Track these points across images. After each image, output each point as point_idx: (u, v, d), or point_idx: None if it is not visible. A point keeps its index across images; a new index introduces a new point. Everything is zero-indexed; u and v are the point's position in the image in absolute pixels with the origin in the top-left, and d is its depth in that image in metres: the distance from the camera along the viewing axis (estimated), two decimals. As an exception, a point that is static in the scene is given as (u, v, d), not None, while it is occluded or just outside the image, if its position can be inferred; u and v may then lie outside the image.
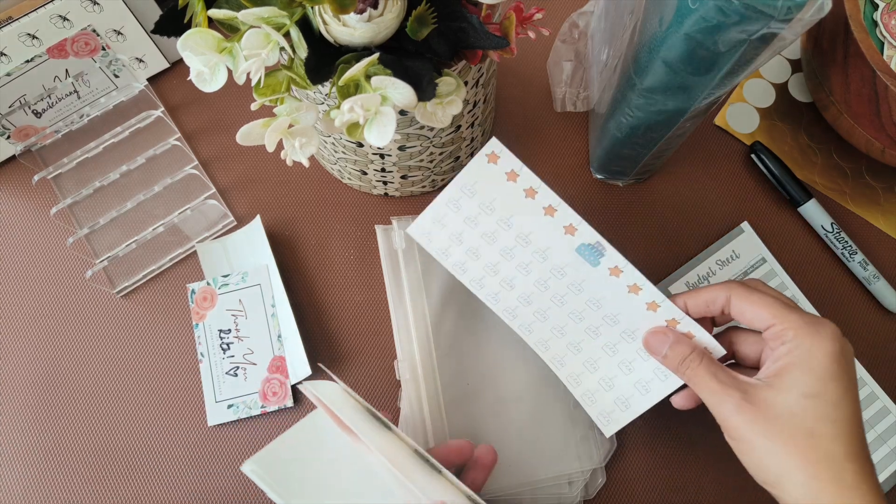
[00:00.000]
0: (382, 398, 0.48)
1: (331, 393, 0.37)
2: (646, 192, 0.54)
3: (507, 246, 0.42)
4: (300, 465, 0.35)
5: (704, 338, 0.39)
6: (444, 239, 0.43)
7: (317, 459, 0.36)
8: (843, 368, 0.33)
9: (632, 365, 0.42)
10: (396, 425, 0.47)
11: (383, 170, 0.47)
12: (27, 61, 0.50)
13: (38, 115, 0.52)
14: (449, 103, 0.35)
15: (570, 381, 0.44)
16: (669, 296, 0.40)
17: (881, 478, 0.47)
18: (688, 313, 0.39)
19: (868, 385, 0.49)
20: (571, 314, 0.43)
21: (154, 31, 0.33)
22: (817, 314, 0.35)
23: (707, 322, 0.40)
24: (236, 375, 0.48)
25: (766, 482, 0.33)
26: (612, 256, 0.40)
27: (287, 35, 0.31)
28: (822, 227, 0.52)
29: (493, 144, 0.39)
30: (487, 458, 0.40)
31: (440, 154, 0.47)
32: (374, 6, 0.31)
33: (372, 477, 0.35)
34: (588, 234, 0.40)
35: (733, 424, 0.34)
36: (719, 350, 0.38)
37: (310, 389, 0.36)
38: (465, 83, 0.39)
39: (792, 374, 0.33)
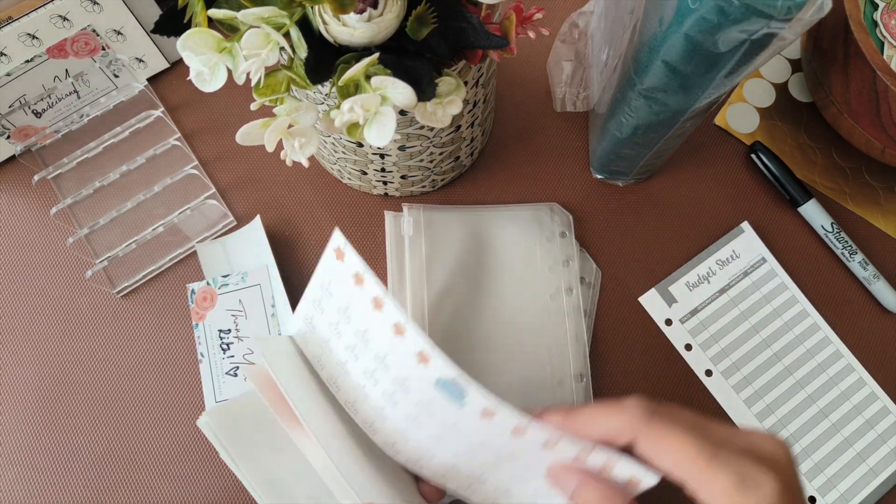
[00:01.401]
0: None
1: (278, 354, 0.33)
2: (646, 192, 0.54)
3: (369, 368, 0.33)
4: (255, 426, 0.33)
5: (625, 468, 0.31)
6: (317, 345, 0.37)
7: (273, 423, 0.34)
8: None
9: None
10: None
11: (383, 170, 0.47)
12: (27, 61, 0.50)
13: (38, 115, 0.52)
14: (449, 103, 0.34)
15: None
16: (581, 385, 0.37)
17: (881, 478, 0.47)
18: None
19: (868, 385, 0.49)
20: (456, 457, 0.34)
21: (154, 31, 0.33)
22: (761, 431, 0.30)
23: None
24: (236, 375, 0.48)
25: None
26: (477, 397, 0.30)
27: (287, 35, 0.31)
28: (822, 227, 0.52)
29: (337, 239, 0.33)
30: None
31: (440, 154, 0.47)
32: (374, 6, 0.31)
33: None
34: (442, 366, 0.30)
35: None
36: (649, 478, 0.30)
37: (259, 355, 0.32)
38: (465, 83, 0.39)
39: None
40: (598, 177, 0.54)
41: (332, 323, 0.35)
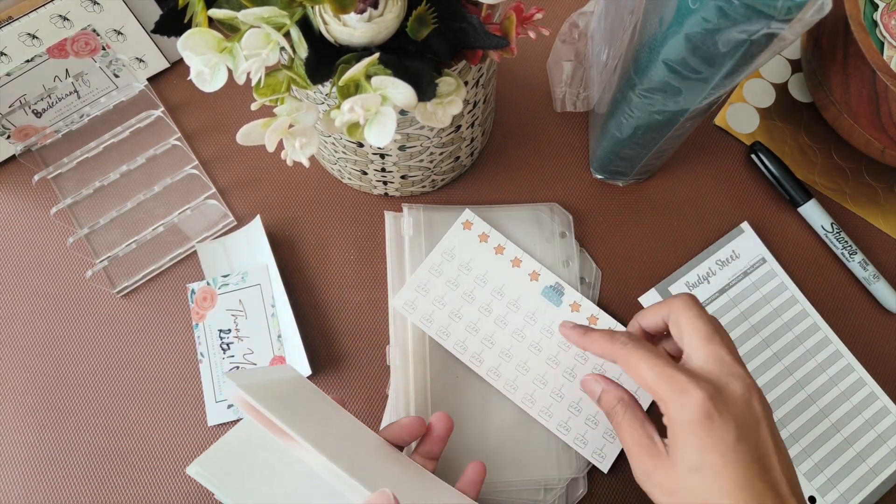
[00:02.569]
0: (381, 397, 0.48)
1: (256, 385, 0.35)
2: (646, 192, 0.54)
3: (484, 303, 0.48)
4: (246, 465, 0.34)
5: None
6: (428, 305, 0.47)
7: (263, 458, 0.34)
8: (714, 436, 0.33)
9: None
10: (383, 413, 0.47)
11: (383, 170, 0.47)
12: (27, 61, 0.50)
13: (38, 114, 0.52)
14: (449, 103, 0.34)
15: (559, 429, 0.46)
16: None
17: (881, 478, 0.47)
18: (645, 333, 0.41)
19: (868, 385, 0.49)
20: (548, 360, 0.47)
21: (154, 31, 0.33)
22: (727, 360, 0.35)
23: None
24: (236, 375, 0.48)
25: None
26: (571, 294, 0.48)
27: (287, 35, 0.31)
28: (821, 227, 0.52)
29: (467, 214, 0.49)
30: (440, 428, 0.40)
31: (440, 154, 0.47)
32: (375, 6, 0.31)
33: (315, 476, 0.34)
34: (549, 277, 0.49)
35: (645, 488, 0.36)
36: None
37: (236, 391, 0.33)
38: (465, 83, 0.39)
39: (675, 449, 0.34)
40: (599, 177, 0.54)
41: (450, 279, 0.48)
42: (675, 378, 0.34)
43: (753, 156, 0.54)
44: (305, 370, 0.47)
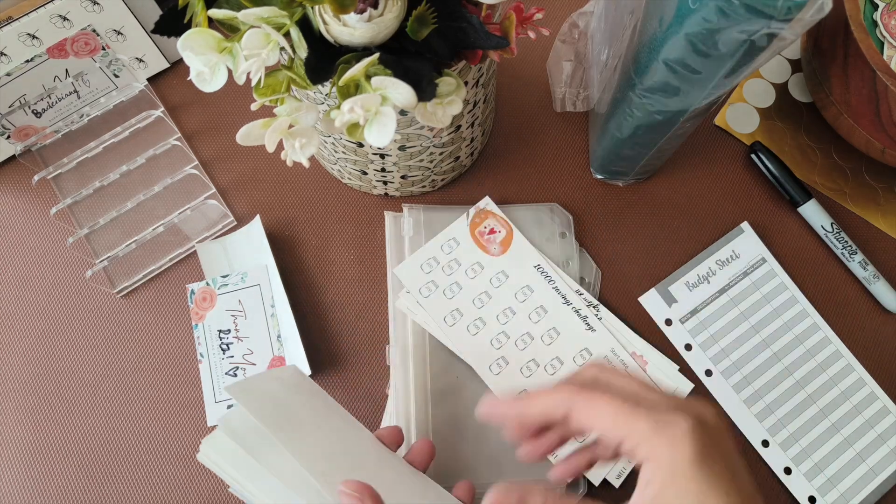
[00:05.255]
0: (381, 396, 0.48)
1: (252, 394, 0.36)
2: (646, 192, 0.54)
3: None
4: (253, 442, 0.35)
5: None
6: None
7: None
8: (714, 466, 0.29)
9: None
10: (383, 413, 0.47)
11: (383, 170, 0.47)
12: (27, 61, 0.50)
13: (38, 114, 0.52)
14: (449, 103, 0.34)
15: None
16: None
17: (881, 478, 0.47)
18: (523, 426, 0.35)
19: (868, 385, 0.49)
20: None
21: (154, 31, 0.33)
22: (677, 395, 0.32)
23: (585, 454, 0.37)
24: (236, 376, 0.48)
25: None
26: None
27: (287, 35, 0.31)
28: (822, 227, 0.52)
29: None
30: (418, 461, 0.38)
31: (440, 154, 0.47)
32: (375, 6, 0.31)
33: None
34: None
35: None
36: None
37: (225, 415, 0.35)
38: (465, 83, 0.39)
39: (665, 499, 0.29)
40: (599, 177, 0.54)
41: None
42: (651, 415, 0.30)
43: (753, 156, 0.54)
44: (305, 370, 0.47)
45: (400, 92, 0.30)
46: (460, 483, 0.39)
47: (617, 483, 0.46)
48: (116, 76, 0.54)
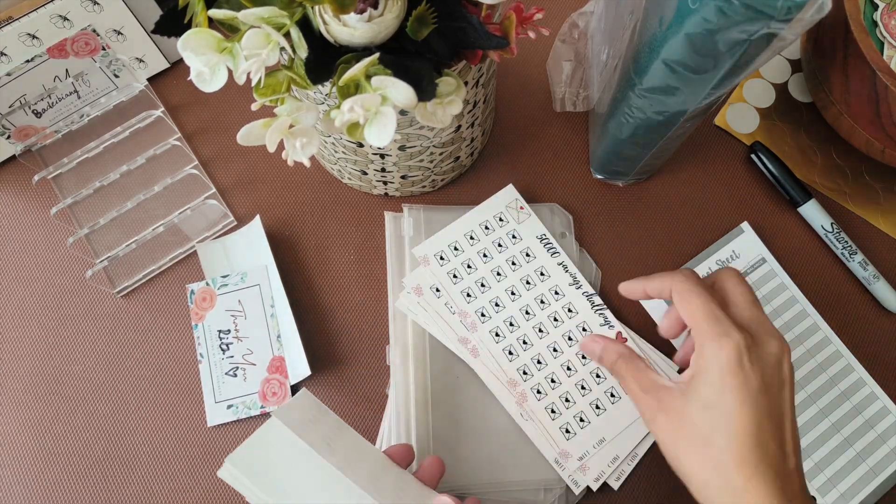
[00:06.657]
0: (381, 397, 0.48)
1: (270, 441, 0.36)
2: (646, 192, 0.54)
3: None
4: (278, 464, 0.35)
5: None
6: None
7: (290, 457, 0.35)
8: (739, 381, 0.34)
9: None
10: (382, 412, 0.47)
11: (383, 170, 0.47)
12: (27, 61, 0.50)
13: (38, 115, 0.52)
14: (449, 103, 0.34)
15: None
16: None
17: (881, 478, 0.47)
18: (649, 296, 0.41)
19: (868, 385, 0.49)
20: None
21: (154, 31, 0.33)
22: (767, 324, 0.36)
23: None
24: (236, 376, 0.48)
25: (682, 479, 0.36)
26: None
27: (287, 35, 0.31)
28: (822, 227, 0.52)
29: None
30: (427, 478, 0.39)
31: (440, 154, 0.47)
32: (375, 6, 0.31)
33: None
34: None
35: (651, 428, 0.37)
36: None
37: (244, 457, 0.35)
38: (465, 83, 0.39)
39: (695, 384, 0.35)
40: (599, 177, 0.54)
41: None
42: (721, 321, 0.35)
43: (753, 156, 0.54)
44: (305, 370, 0.47)
45: (400, 92, 0.30)
46: (468, 500, 0.39)
47: (616, 485, 0.46)
48: (116, 76, 0.54)
